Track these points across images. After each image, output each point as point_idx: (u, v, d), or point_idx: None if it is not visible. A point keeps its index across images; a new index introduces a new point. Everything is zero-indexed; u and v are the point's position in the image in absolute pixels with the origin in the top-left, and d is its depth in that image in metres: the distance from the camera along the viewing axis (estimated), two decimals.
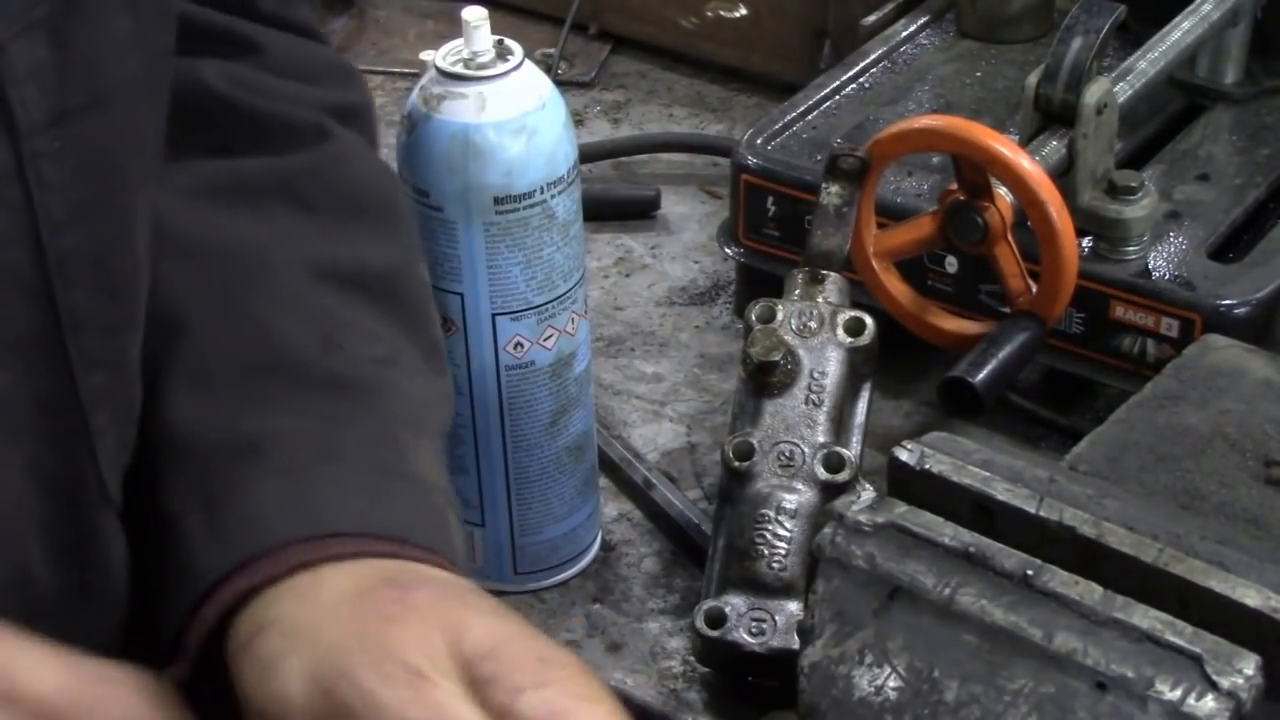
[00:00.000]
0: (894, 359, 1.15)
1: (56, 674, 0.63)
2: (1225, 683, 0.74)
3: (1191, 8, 1.24)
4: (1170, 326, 1.11)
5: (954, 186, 1.12)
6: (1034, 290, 1.11)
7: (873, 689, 0.79)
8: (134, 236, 0.73)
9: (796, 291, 1.08)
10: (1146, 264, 1.13)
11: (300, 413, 0.76)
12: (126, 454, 0.75)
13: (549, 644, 0.66)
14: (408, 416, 0.78)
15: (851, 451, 1.03)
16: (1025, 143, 1.13)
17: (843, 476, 1.00)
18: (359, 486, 0.73)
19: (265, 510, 0.72)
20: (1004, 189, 1.10)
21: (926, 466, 0.86)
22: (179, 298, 0.78)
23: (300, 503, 0.72)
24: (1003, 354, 1.08)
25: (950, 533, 0.81)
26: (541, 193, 0.98)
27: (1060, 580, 0.78)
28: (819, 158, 1.20)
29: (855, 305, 1.08)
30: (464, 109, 0.97)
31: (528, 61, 0.99)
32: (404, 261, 0.86)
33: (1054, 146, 1.13)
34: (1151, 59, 1.21)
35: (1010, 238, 1.11)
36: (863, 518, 0.83)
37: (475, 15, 0.98)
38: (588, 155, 1.45)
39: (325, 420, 0.76)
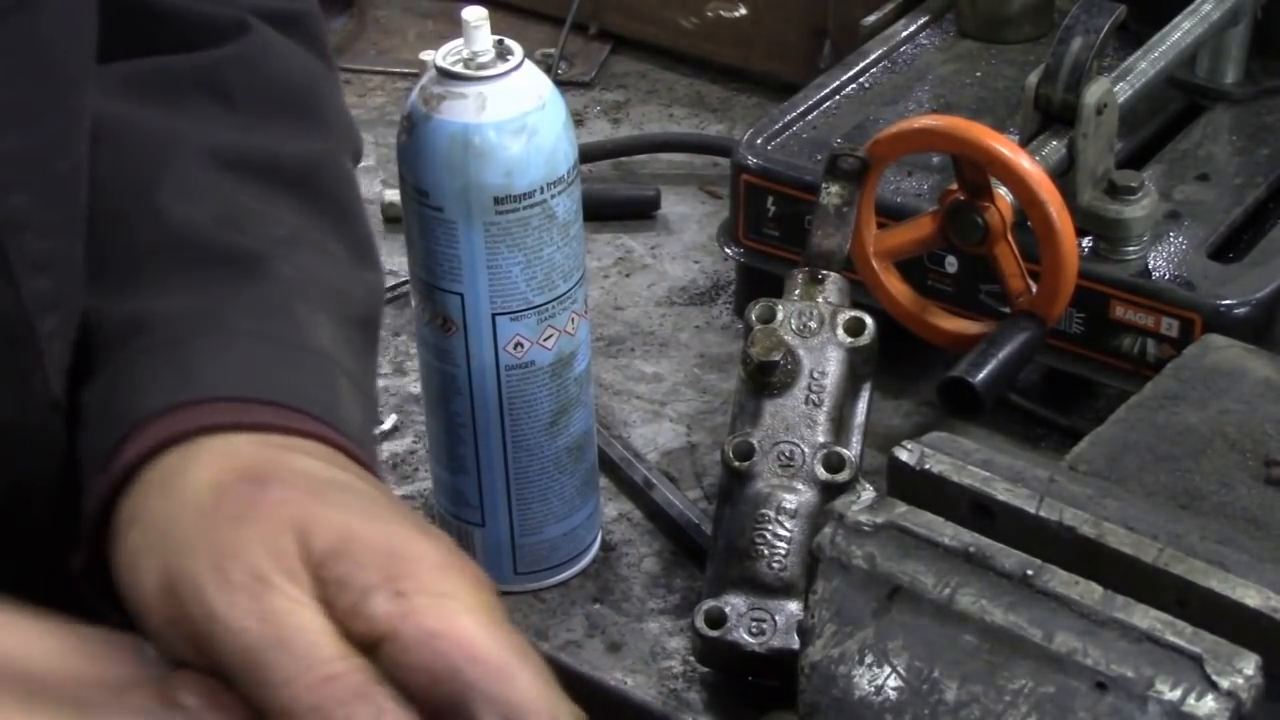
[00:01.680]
0: (894, 359, 1.15)
1: (47, 644, 0.62)
2: (1225, 683, 0.74)
3: (1191, 8, 1.24)
4: (1170, 326, 1.11)
5: (954, 186, 1.12)
6: (1034, 290, 1.11)
7: (873, 689, 0.79)
8: (76, 137, 0.72)
9: (796, 291, 1.08)
10: (1146, 264, 1.13)
11: (189, 289, 0.74)
12: (68, 358, 0.74)
13: (407, 535, 0.64)
14: (308, 290, 0.76)
15: (851, 451, 1.03)
16: (1025, 143, 1.13)
17: (843, 476, 1.00)
18: (240, 354, 0.71)
19: (143, 383, 0.70)
20: (1004, 189, 1.10)
21: (926, 466, 0.86)
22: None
23: (176, 371, 0.70)
24: (1003, 354, 1.08)
25: (950, 533, 0.81)
26: (541, 193, 0.98)
27: (1060, 580, 0.78)
28: (819, 158, 1.20)
29: (855, 305, 1.08)
30: (464, 109, 0.97)
31: (528, 61, 0.99)
32: (323, 154, 0.84)
33: (1054, 146, 1.13)
34: (1151, 59, 1.21)
35: (1010, 238, 1.11)
36: (863, 518, 0.83)
37: (475, 15, 0.98)
38: (588, 155, 1.45)
39: (213, 294, 0.74)
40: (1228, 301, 1.10)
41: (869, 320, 1.05)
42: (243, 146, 0.81)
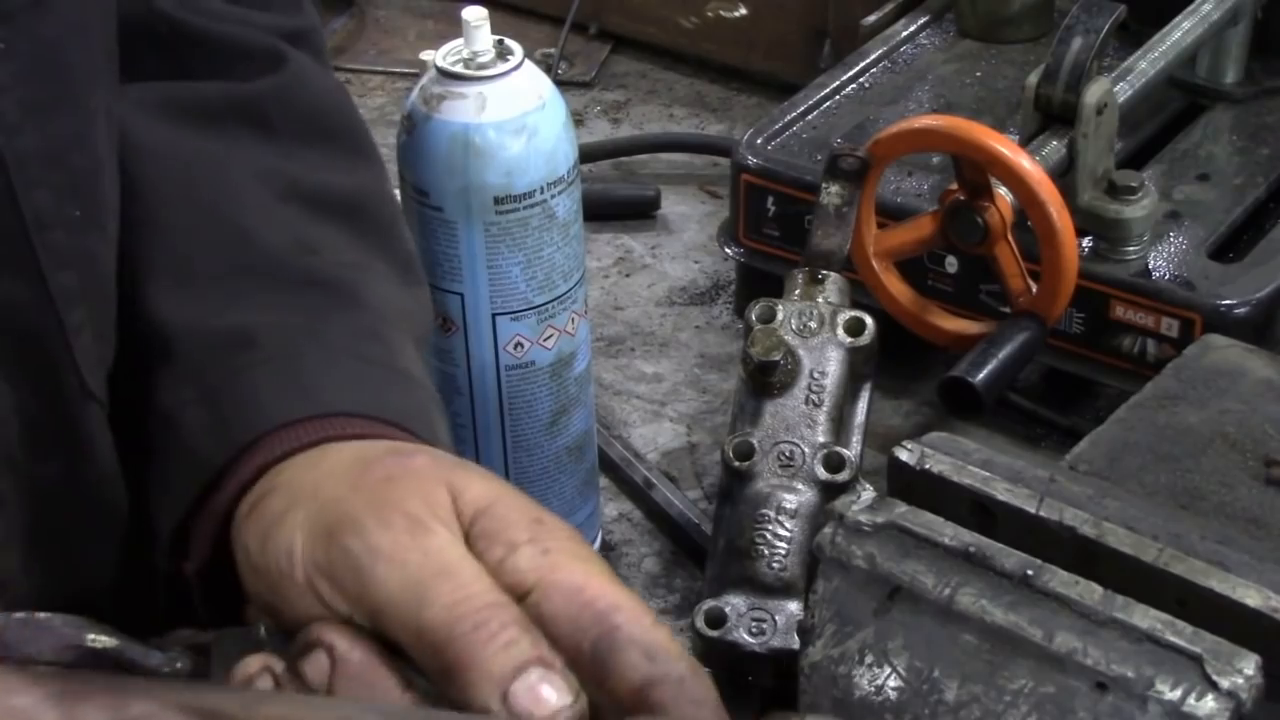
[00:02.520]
0: (894, 359, 1.15)
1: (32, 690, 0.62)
2: (1225, 683, 0.74)
3: (1191, 8, 1.24)
4: (1170, 326, 1.11)
5: (954, 186, 1.12)
6: (1034, 290, 1.11)
7: (873, 689, 0.79)
8: (92, 135, 0.73)
9: (796, 291, 1.07)
10: (1146, 264, 1.13)
11: (284, 308, 0.76)
12: (108, 353, 0.75)
13: (544, 508, 0.67)
14: (388, 314, 0.79)
15: (851, 451, 1.03)
16: (1025, 143, 1.13)
17: (843, 476, 1.00)
18: (351, 373, 0.74)
19: (264, 396, 0.72)
20: (1004, 189, 1.10)
21: (926, 466, 0.86)
22: (148, 201, 0.78)
23: (298, 387, 0.72)
24: (1003, 354, 1.08)
25: (950, 533, 0.81)
26: (541, 193, 0.98)
27: (1060, 580, 0.78)
28: (819, 158, 1.20)
29: (855, 305, 1.08)
30: (464, 109, 0.97)
31: (528, 61, 0.99)
32: (369, 182, 0.86)
33: (1054, 146, 1.13)
34: (1151, 59, 1.21)
35: (1010, 238, 1.11)
36: (863, 518, 0.83)
37: (475, 15, 0.98)
38: (588, 155, 1.45)
39: (309, 314, 0.76)
40: (1228, 301, 1.10)
41: (869, 320, 1.05)
42: (295, 178, 0.82)
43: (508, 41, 0.99)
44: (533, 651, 0.62)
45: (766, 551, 0.99)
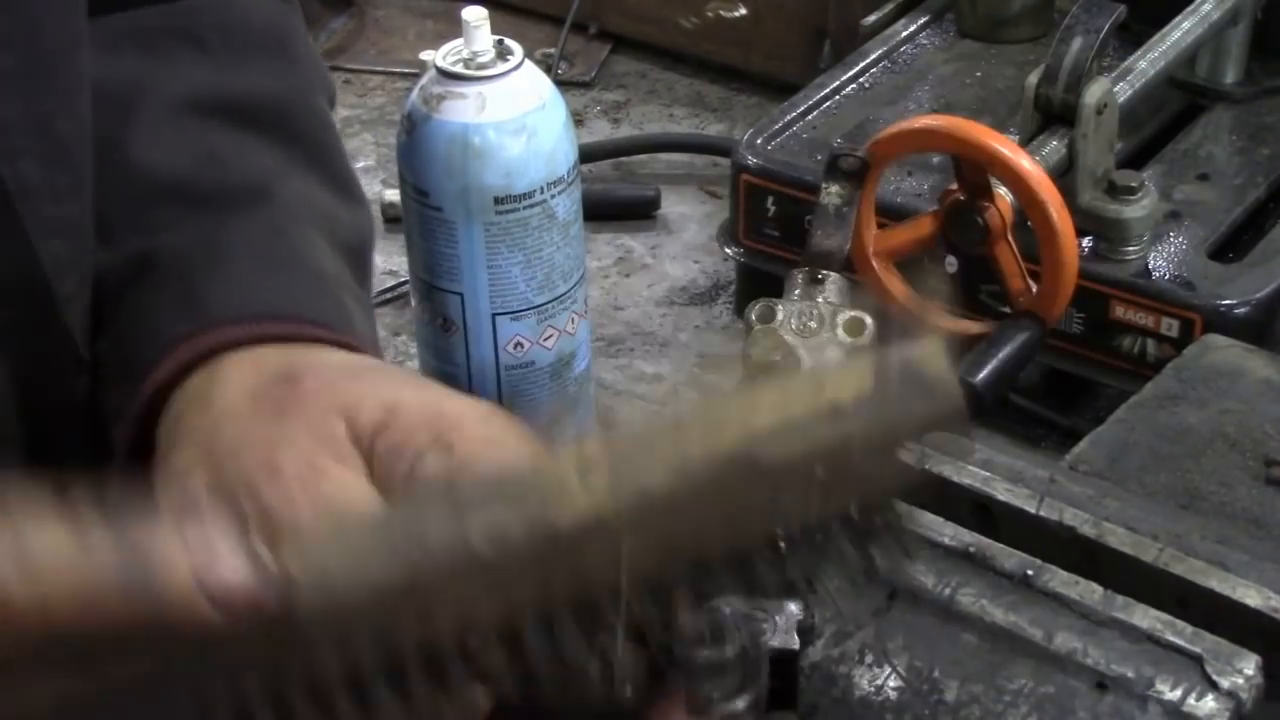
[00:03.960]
0: None
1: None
2: (1225, 683, 0.74)
3: (1191, 8, 1.24)
4: (1170, 326, 1.11)
5: (954, 186, 1.12)
6: (1034, 290, 1.11)
7: (873, 689, 0.79)
8: (77, 103, 0.72)
9: (796, 291, 1.08)
10: (1146, 264, 1.13)
11: (182, 227, 0.75)
12: (88, 320, 0.75)
13: (447, 396, 0.65)
14: (298, 212, 0.77)
15: None
16: (1025, 143, 1.13)
17: None
18: (248, 279, 0.72)
19: (156, 318, 0.71)
20: (1004, 189, 1.10)
21: (926, 466, 0.86)
22: None
23: (189, 303, 0.71)
24: (1003, 354, 1.08)
25: (950, 533, 0.81)
26: (541, 193, 0.98)
27: (1060, 580, 0.78)
28: (819, 158, 1.20)
29: (858, 305, 1.08)
30: (464, 109, 0.97)
31: (528, 61, 0.99)
32: (297, 95, 0.85)
33: (1054, 146, 1.13)
34: (1151, 59, 1.21)
35: (1010, 238, 1.11)
36: None
37: (475, 15, 0.98)
38: (588, 155, 1.45)
39: (210, 227, 0.75)
40: (1228, 301, 1.10)
41: (869, 320, 1.05)
42: (219, 91, 0.81)
43: (508, 41, 0.99)
44: None
45: None
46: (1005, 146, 1.07)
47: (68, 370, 0.73)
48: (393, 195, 1.41)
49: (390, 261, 1.40)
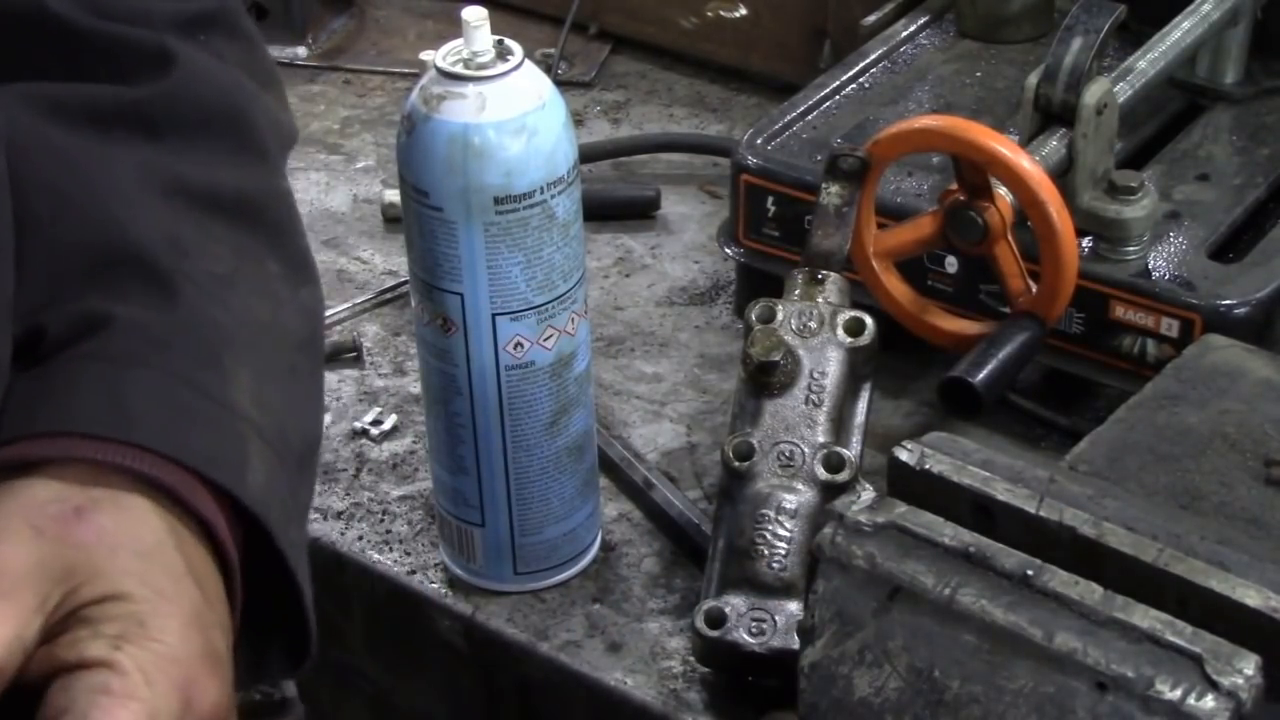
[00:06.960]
0: (894, 359, 1.15)
1: None
2: (1225, 683, 0.74)
3: (1191, 8, 1.24)
4: (1170, 326, 1.11)
5: (954, 186, 1.12)
6: (1034, 290, 1.11)
7: (873, 689, 0.79)
8: None
9: (796, 291, 1.08)
10: (1146, 264, 1.13)
11: (141, 304, 0.76)
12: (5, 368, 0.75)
13: (161, 602, 0.67)
14: (237, 337, 0.78)
15: (851, 451, 1.03)
16: (1025, 143, 1.13)
17: (843, 476, 1.00)
18: (167, 401, 0.74)
19: (75, 395, 0.72)
20: (1004, 189, 1.10)
21: (926, 466, 0.86)
22: (23, 192, 0.77)
23: (108, 401, 0.72)
24: (1003, 354, 1.08)
25: (950, 533, 0.81)
26: (541, 193, 0.98)
27: (1060, 580, 0.78)
28: (819, 158, 1.20)
29: (855, 305, 1.08)
30: (464, 109, 0.97)
31: (528, 61, 0.99)
32: (258, 179, 0.85)
33: (1054, 146, 1.13)
34: (1151, 59, 1.21)
35: (1010, 238, 1.11)
36: (863, 518, 0.83)
37: (475, 15, 0.98)
38: (588, 155, 1.45)
39: (162, 320, 0.76)
40: (1228, 301, 1.10)
41: (869, 320, 1.05)
42: (180, 177, 0.82)
43: (508, 41, 0.99)
44: None
45: (766, 551, 0.99)
46: (1005, 146, 1.07)
47: None
48: (393, 195, 1.41)
49: (390, 261, 1.40)
